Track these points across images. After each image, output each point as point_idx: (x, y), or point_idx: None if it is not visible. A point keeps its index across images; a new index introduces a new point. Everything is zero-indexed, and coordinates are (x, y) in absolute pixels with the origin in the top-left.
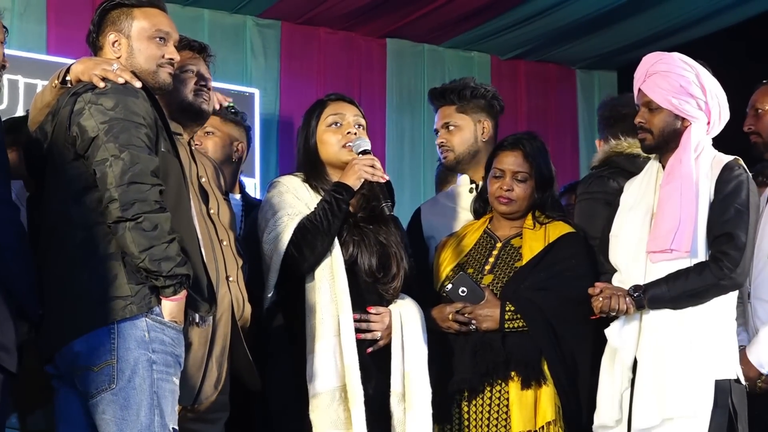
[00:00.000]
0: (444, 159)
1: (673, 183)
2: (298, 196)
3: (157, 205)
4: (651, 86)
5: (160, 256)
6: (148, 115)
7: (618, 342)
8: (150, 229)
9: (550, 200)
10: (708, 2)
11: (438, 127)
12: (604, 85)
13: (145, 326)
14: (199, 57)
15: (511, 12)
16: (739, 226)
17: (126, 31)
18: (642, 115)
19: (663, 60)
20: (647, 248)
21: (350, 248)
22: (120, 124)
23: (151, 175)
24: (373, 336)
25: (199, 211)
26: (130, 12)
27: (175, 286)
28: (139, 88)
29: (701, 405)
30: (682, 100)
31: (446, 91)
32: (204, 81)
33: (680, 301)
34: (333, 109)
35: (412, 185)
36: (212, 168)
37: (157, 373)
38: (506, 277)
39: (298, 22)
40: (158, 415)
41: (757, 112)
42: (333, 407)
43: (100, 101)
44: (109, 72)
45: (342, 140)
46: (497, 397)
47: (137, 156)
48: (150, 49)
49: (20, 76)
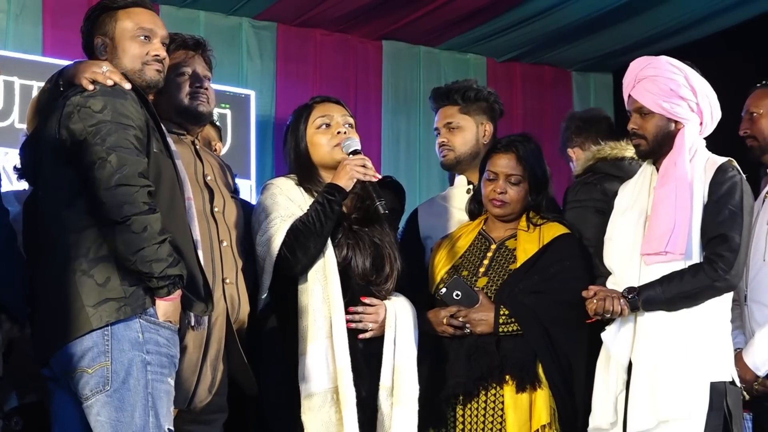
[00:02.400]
0: (443, 158)
1: (668, 186)
2: (291, 198)
3: (146, 206)
4: (641, 92)
5: (152, 258)
6: (137, 116)
7: (613, 344)
8: (140, 230)
9: (545, 202)
10: (703, 5)
11: (439, 127)
12: (599, 87)
13: (139, 327)
14: (195, 55)
15: (507, 14)
16: (734, 228)
17: (110, 33)
18: (634, 121)
19: (651, 64)
20: (642, 250)
21: (344, 251)
22: (107, 127)
23: (139, 176)
24: (365, 327)
25: (201, 210)
26: (113, 14)
27: (169, 286)
28: (128, 90)
29: (696, 407)
30: (673, 104)
31: (451, 92)
32: (199, 82)
33: (675, 302)
34: (320, 111)
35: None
36: (219, 166)
37: (152, 374)
38: (500, 280)
39: (294, 24)
40: (153, 416)
41: (752, 116)
42: (325, 409)
43: (88, 104)
44: (98, 74)
45: (332, 140)
46: (492, 400)
47: (124, 158)
48: (133, 48)
49: (16, 78)
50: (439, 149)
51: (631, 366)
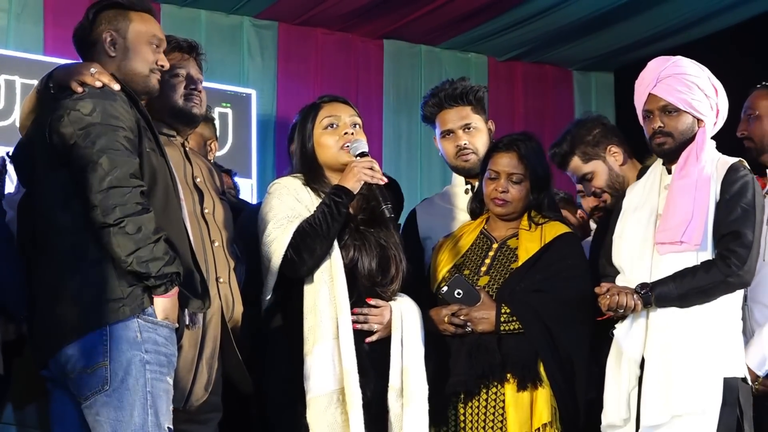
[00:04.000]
0: (466, 162)
1: (689, 178)
2: (299, 198)
3: (139, 206)
4: (667, 89)
5: (148, 258)
6: (127, 117)
7: (626, 341)
8: (134, 232)
9: (547, 201)
10: (705, 4)
11: (454, 128)
12: (601, 86)
13: (137, 327)
14: (189, 57)
15: (508, 13)
16: (746, 225)
17: (122, 31)
18: (659, 120)
19: (674, 63)
20: (656, 239)
21: (351, 252)
22: (97, 129)
23: (130, 177)
24: (370, 328)
25: (192, 211)
26: (126, 14)
27: (166, 284)
28: (117, 91)
29: (710, 402)
30: (699, 101)
31: (465, 92)
32: (194, 84)
33: (688, 298)
34: (328, 111)
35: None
36: (207, 168)
37: (151, 373)
38: (502, 279)
39: (295, 23)
40: (152, 414)
41: (750, 116)
42: (330, 410)
43: (77, 107)
44: (87, 76)
45: (339, 141)
46: (493, 399)
47: (115, 160)
48: (146, 53)
49: (17, 77)
50: (460, 152)
51: (643, 362)
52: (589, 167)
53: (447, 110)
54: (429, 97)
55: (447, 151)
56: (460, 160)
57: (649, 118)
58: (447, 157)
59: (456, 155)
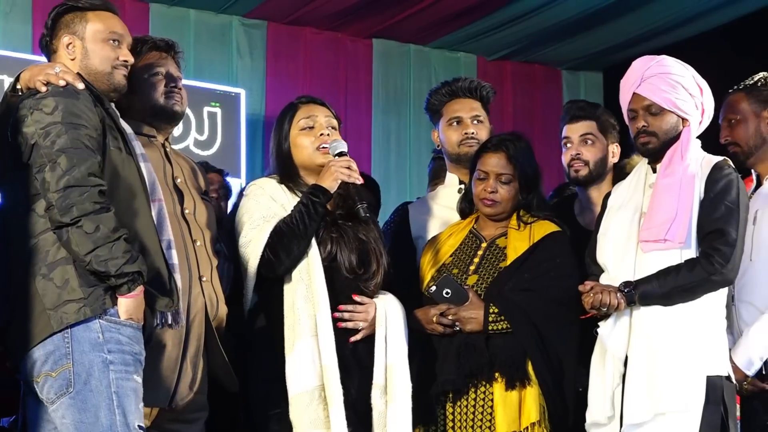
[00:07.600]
0: (470, 148)
1: (673, 176)
2: (275, 198)
3: (98, 205)
4: (651, 89)
5: (106, 257)
6: (90, 115)
7: (609, 339)
8: (92, 231)
9: (536, 200)
10: (693, 3)
11: (464, 117)
12: (589, 85)
13: (98, 328)
14: (167, 56)
15: (497, 13)
16: (730, 223)
17: (80, 33)
18: (644, 119)
19: (658, 62)
20: (640, 237)
21: (329, 245)
22: (57, 128)
23: (89, 176)
24: (355, 326)
25: (172, 212)
26: (83, 15)
27: (128, 283)
28: (81, 90)
29: (693, 400)
30: (683, 101)
31: (480, 88)
32: (174, 82)
33: (671, 296)
34: (305, 112)
35: (398, 185)
36: (189, 168)
37: (115, 373)
38: (491, 278)
39: (284, 22)
40: (120, 414)
41: (730, 122)
42: (312, 407)
43: (40, 106)
44: (51, 75)
45: (315, 142)
46: (482, 398)
47: (73, 159)
48: (104, 51)
49: (5, 76)
50: (465, 140)
51: (626, 360)
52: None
53: (459, 100)
54: (441, 86)
55: (450, 139)
56: (465, 146)
57: (634, 118)
58: (448, 145)
59: (461, 142)
